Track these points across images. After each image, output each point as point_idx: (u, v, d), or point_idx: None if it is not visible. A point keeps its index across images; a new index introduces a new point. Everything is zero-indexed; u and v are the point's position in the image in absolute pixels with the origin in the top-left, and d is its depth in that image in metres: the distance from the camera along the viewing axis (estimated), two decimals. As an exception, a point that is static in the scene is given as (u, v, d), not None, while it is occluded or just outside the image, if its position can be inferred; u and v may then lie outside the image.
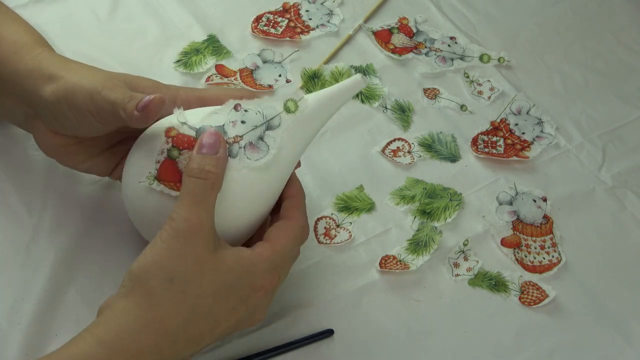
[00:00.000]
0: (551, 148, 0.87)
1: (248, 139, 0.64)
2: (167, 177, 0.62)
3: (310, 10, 0.96)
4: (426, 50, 0.94)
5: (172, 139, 0.63)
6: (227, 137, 0.63)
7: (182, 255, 0.58)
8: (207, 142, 0.61)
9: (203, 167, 0.60)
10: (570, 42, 0.98)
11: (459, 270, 0.77)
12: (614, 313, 0.76)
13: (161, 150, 0.63)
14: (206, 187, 0.60)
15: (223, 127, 0.63)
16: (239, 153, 0.63)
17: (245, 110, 0.64)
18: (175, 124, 0.63)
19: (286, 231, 0.65)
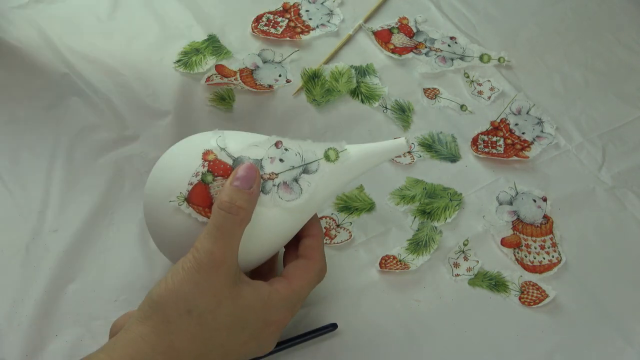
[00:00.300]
0: (551, 148, 0.87)
1: (283, 179, 0.63)
2: (197, 200, 0.61)
3: (310, 10, 0.96)
4: (426, 50, 0.94)
5: (209, 163, 0.62)
6: (262, 173, 0.63)
7: (203, 289, 0.58)
8: (242, 175, 0.61)
9: (235, 201, 0.59)
10: (570, 42, 0.98)
11: (459, 270, 0.77)
12: (614, 313, 0.76)
13: (196, 172, 0.62)
14: (234, 222, 0.59)
15: (261, 161, 0.63)
16: (271, 190, 0.62)
17: (286, 149, 0.64)
18: (214, 147, 0.63)
19: (306, 271, 0.65)
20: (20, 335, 0.69)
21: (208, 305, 0.58)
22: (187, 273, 0.58)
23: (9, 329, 0.69)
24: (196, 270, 0.58)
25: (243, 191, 0.60)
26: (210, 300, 0.58)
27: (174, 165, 0.64)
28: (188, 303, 0.58)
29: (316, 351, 0.71)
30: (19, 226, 0.75)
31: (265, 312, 0.62)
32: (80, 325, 0.70)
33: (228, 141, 0.63)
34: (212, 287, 0.58)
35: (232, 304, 0.60)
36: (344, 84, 0.89)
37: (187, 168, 0.62)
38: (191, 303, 0.58)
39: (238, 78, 0.88)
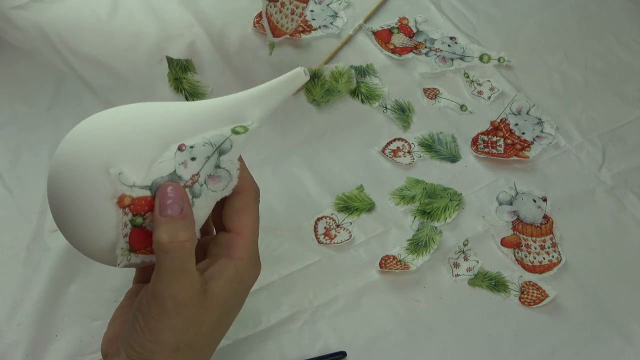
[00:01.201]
0: (551, 148, 0.87)
1: (206, 173, 0.57)
2: (142, 245, 0.56)
3: (315, 11, 0.96)
4: (426, 50, 0.94)
5: (129, 207, 0.55)
6: (184, 182, 0.56)
7: (181, 328, 0.56)
8: (168, 202, 0.55)
9: (175, 238, 0.54)
10: (570, 42, 0.98)
11: (459, 270, 0.77)
12: (614, 313, 0.76)
13: (124, 223, 0.55)
14: (183, 258, 0.54)
15: (175, 173, 0.56)
16: (202, 191, 0.57)
17: (191, 146, 0.56)
18: (123, 189, 0.54)
19: (247, 209, 0.60)
20: (20, 335, 0.69)
21: (192, 334, 0.57)
22: (158, 321, 0.55)
23: (9, 329, 0.69)
24: (166, 316, 0.55)
25: (177, 220, 0.54)
26: (193, 329, 0.57)
27: (92, 226, 0.56)
28: (172, 345, 0.56)
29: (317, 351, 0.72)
30: (20, 226, 0.75)
31: (242, 287, 0.60)
32: (81, 326, 0.70)
33: (128, 172, 0.55)
34: (188, 322, 0.56)
35: (211, 314, 0.57)
36: (344, 84, 0.89)
37: (109, 222, 0.55)
38: (175, 343, 0.56)
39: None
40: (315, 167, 0.83)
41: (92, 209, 0.55)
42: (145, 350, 0.56)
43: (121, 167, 0.54)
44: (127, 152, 0.55)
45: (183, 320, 0.56)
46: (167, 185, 0.55)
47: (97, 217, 0.55)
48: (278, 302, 0.73)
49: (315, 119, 0.87)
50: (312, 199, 0.81)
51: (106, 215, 0.55)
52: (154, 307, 0.55)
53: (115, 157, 0.54)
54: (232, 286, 0.58)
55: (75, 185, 0.55)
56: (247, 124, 0.59)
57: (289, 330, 0.72)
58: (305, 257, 0.77)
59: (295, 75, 0.60)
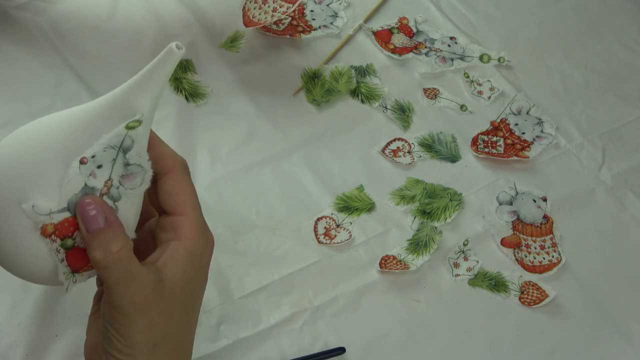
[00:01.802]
0: (551, 148, 0.87)
1: (117, 175, 0.56)
2: (81, 264, 0.56)
3: (315, 11, 0.96)
4: (426, 50, 0.94)
5: (55, 234, 0.54)
6: (99, 191, 0.55)
7: (150, 327, 0.56)
8: (89, 216, 0.54)
9: (109, 251, 0.54)
10: (571, 42, 0.98)
11: (459, 270, 0.77)
12: (614, 313, 0.76)
13: (56, 250, 0.54)
14: (124, 265, 0.54)
15: (87, 186, 0.54)
16: (120, 193, 0.56)
17: (93, 155, 0.55)
18: (42, 219, 0.53)
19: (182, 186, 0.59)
20: (20, 335, 0.69)
21: (163, 326, 0.56)
22: (125, 327, 0.55)
23: (9, 328, 0.69)
24: (132, 321, 0.55)
25: (104, 232, 0.54)
26: (162, 323, 0.56)
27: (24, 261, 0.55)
28: (148, 342, 0.56)
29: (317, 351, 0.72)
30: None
31: (199, 263, 0.59)
32: (81, 326, 0.70)
33: (41, 202, 0.53)
34: (156, 318, 0.56)
35: (177, 300, 0.57)
36: (344, 84, 0.89)
37: (40, 254, 0.54)
38: (150, 340, 0.56)
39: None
40: (315, 167, 0.83)
41: (21, 245, 0.54)
42: (125, 355, 0.56)
43: (33, 199, 0.53)
44: (33, 181, 0.54)
45: (149, 318, 0.55)
46: (84, 200, 0.54)
47: (28, 251, 0.54)
48: (278, 302, 0.73)
49: (315, 119, 0.87)
50: (312, 199, 0.81)
51: (36, 248, 0.54)
52: (117, 316, 0.55)
53: (24, 189, 0.54)
54: (187, 268, 0.58)
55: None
56: (137, 117, 0.56)
57: (289, 330, 0.72)
58: (305, 257, 0.77)
59: (169, 52, 0.57)
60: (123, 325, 0.55)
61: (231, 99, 0.87)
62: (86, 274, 0.57)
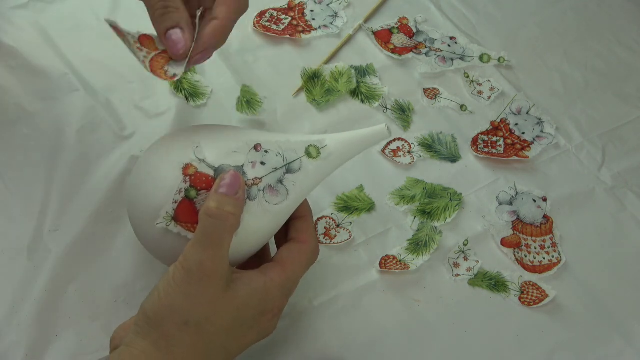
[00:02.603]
0: (551, 148, 0.87)
1: (267, 182, 0.61)
2: (185, 218, 0.60)
3: (315, 11, 0.96)
4: (426, 50, 0.94)
5: (190, 177, 0.60)
6: (246, 179, 0.61)
7: (196, 300, 0.57)
8: (227, 182, 0.59)
9: (223, 207, 0.58)
10: (570, 42, 0.98)
11: (459, 270, 0.77)
12: (614, 313, 0.76)
13: (179, 189, 0.59)
14: (224, 229, 0.58)
15: (242, 167, 0.61)
16: (257, 196, 0.61)
17: (266, 151, 0.62)
18: (193, 159, 0.60)
19: (299, 255, 0.64)
20: (20, 335, 0.69)
21: (204, 314, 0.58)
22: (179, 285, 0.57)
23: (9, 328, 0.69)
24: (187, 282, 0.57)
25: (230, 197, 0.58)
26: (206, 309, 0.58)
27: (153, 182, 0.61)
28: (183, 315, 0.57)
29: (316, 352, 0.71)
30: (20, 226, 0.75)
31: (262, 304, 0.61)
32: (81, 326, 0.70)
33: (205, 150, 0.61)
34: (206, 296, 0.58)
35: (228, 306, 0.59)
36: (344, 84, 0.89)
37: (167, 184, 0.60)
38: (187, 315, 0.57)
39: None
40: (315, 167, 0.83)
41: (162, 166, 0.61)
42: (157, 316, 0.57)
43: (202, 143, 0.61)
44: (214, 137, 0.62)
45: (200, 292, 0.57)
46: (231, 171, 0.60)
47: (161, 174, 0.60)
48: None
49: (315, 118, 0.87)
50: (312, 199, 0.80)
51: (169, 175, 0.60)
52: (179, 270, 0.57)
53: (202, 136, 0.62)
54: (253, 295, 0.60)
55: (162, 145, 0.63)
56: (321, 146, 0.63)
57: (288, 331, 0.72)
58: (305, 257, 0.76)
59: (380, 132, 0.65)
60: (176, 283, 0.57)
61: (231, 99, 0.87)
62: (179, 229, 0.60)
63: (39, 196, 0.77)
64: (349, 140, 0.65)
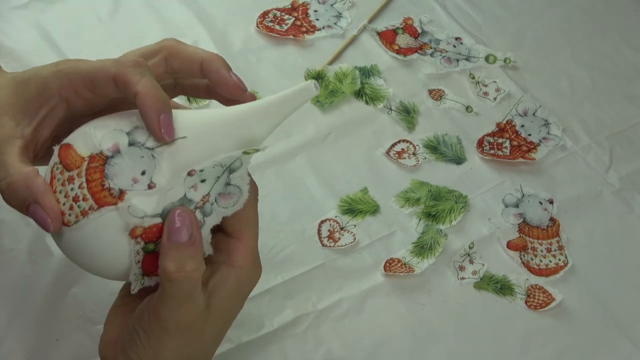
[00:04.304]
0: (558, 150, 0.86)
1: (216, 192, 0.56)
2: (154, 268, 0.55)
3: (319, 11, 0.96)
4: (431, 51, 0.93)
5: (141, 237, 0.54)
6: (194, 204, 0.55)
7: (181, 347, 0.56)
8: (176, 227, 0.53)
9: (183, 267, 0.53)
10: (577, 42, 0.97)
11: (464, 273, 0.77)
12: (622, 316, 0.75)
13: (136, 251, 0.55)
14: (190, 286, 0.54)
15: (185, 197, 0.55)
16: (212, 209, 0.56)
17: (201, 170, 0.55)
18: (135, 221, 0.54)
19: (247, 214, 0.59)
20: (21, 339, 0.69)
21: (192, 348, 0.57)
22: (158, 339, 0.55)
23: (9, 332, 0.69)
24: (166, 336, 0.55)
25: (185, 247, 0.53)
26: (193, 345, 0.57)
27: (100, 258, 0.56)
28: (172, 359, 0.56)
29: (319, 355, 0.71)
30: (20, 229, 0.75)
31: (244, 294, 0.60)
32: (82, 330, 0.70)
33: (139, 203, 0.54)
34: (190, 340, 0.56)
35: (214, 327, 0.57)
36: (348, 85, 0.88)
37: (118, 253, 0.55)
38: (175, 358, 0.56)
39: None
40: (319, 169, 0.83)
41: (106, 240, 0.54)
42: None
43: (131, 200, 0.54)
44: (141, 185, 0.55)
45: (185, 340, 0.55)
46: (176, 210, 0.54)
47: (111, 247, 0.55)
48: (281, 305, 0.73)
49: (319, 120, 0.87)
50: (316, 202, 0.80)
51: (119, 246, 0.54)
52: (156, 327, 0.55)
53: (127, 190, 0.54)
54: (233, 296, 0.58)
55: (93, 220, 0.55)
56: (260, 147, 0.58)
57: (292, 334, 0.72)
58: (308, 260, 0.76)
59: (306, 88, 0.58)
60: (156, 337, 0.55)
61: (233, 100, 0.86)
62: (154, 279, 0.57)
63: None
64: (273, 109, 0.58)
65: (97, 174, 0.54)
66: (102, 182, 0.54)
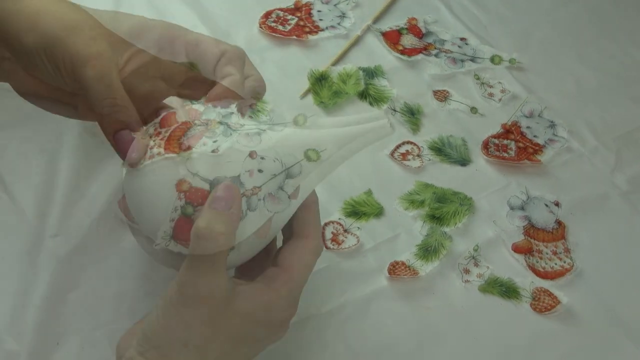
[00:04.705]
0: (564, 151, 0.86)
1: (267, 190, 0.58)
2: (183, 236, 0.57)
3: (323, 11, 0.96)
4: (436, 52, 0.93)
5: (185, 194, 0.57)
6: (244, 189, 0.58)
7: (194, 321, 0.56)
8: (220, 196, 0.56)
9: (212, 227, 0.55)
10: (584, 43, 0.97)
11: (469, 276, 0.76)
12: (628, 320, 0.75)
13: (174, 207, 0.57)
14: (215, 249, 0.55)
15: (239, 177, 0.58)
16: (258, 206, 0.58)
17: (262, 157, 0.59)
18: (186, 174, 0.57)
19: (302, 254, 0.61)
20: (21, 343, 0.68)
21: (203, 335, 0.56)
22: (175, 308, 0.56)
23: (9, 336, 0.69)
24: (183, 305, 0.56)
25: (221, 214, 0.55)
26: (205, 331, 0.56)
27: (148, 201, 0.59)
28: (182, 338, 0.56)
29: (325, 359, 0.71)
30: (20, 231, 0.75)
31: (267, 317, 0.60)
32: (82, 334, 0.70)
33: (197, 164, 0.58)
34: (203, 318, 0.56)
35: (228, 325, 0.57)
36: (352, 86, 0.88)
37: (162, 202, 0.58)
38: (185, 337, 0.56)
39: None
40: (322, 171, 0.82)
41: (156, 185, 0.58)
42: (155, 336, 0.56)
43: (192, 155, 0.58)
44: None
45: (197, 316, 0.56)
46: (227, 184, 0.56)
47: (157, 195, 0.58)
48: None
49: (322, 121, 0.86)
50: (320, 204, 0.79)
51: (165, 195, 0.58)
52: (175, 292, 0.56)
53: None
54: (258, 310, 0.59)
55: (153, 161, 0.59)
56: (320, 149, 0.60)
57: (296, 338, 0.71)
58: (312, 263, 0.76)
59: (380, 127, 0.62)
60: (173, 306, 0.56)
61: (237, 101, 0.86)
62: (179, 247, 0.58)
63: (40, 201, 0.77)
64: (349, 138, 0.62)
65: (180, 132, 0.59)
66: (179, 138, 0.58)
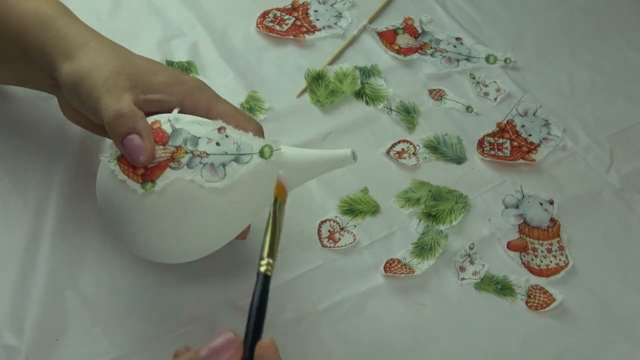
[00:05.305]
0: (558, 150, 0.86)
1: (212, 160, 0.63)
2: (126, 161, 0.62)
3: (319, 11, 0.96)
4: (432, 51, 0.93)
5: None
6: (196, 149, 0.63)
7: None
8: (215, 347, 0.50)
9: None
10: (578, 42, 0.97)
11: (464, 274, 0.77)
12: (622, 317, 0.75)
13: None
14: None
15: (198, 139, 0.63)
16: (196, 167, 0.62)
17: (227, 135, 0.64)
18: (162, 118, 0.64)
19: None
20: (20, 339, 0.68)
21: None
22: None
23: (8, 333, 0.69)
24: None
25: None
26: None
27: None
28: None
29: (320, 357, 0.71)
30: (19, 227, 0.75)
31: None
32: (81, 330, 0.70)
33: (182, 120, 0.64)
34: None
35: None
36: (349, 85, 0.88)
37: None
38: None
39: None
40: (319, 169, 0.82)
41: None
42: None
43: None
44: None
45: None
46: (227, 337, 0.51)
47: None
48: (281, 306, 0.73)
49: (319, 120, 0.87)
50: (316, 202, 0.80)
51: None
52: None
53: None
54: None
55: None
56: (275, 148, 0.64)
57: (292, 335, 0.72)
58: (308, 260, 0.76)
59: (343, 156, 0.66)
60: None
61: (233, 101, 0.86)
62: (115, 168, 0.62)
63: (39, 197, 0.77)
64: (306, 157, 0.66)
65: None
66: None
